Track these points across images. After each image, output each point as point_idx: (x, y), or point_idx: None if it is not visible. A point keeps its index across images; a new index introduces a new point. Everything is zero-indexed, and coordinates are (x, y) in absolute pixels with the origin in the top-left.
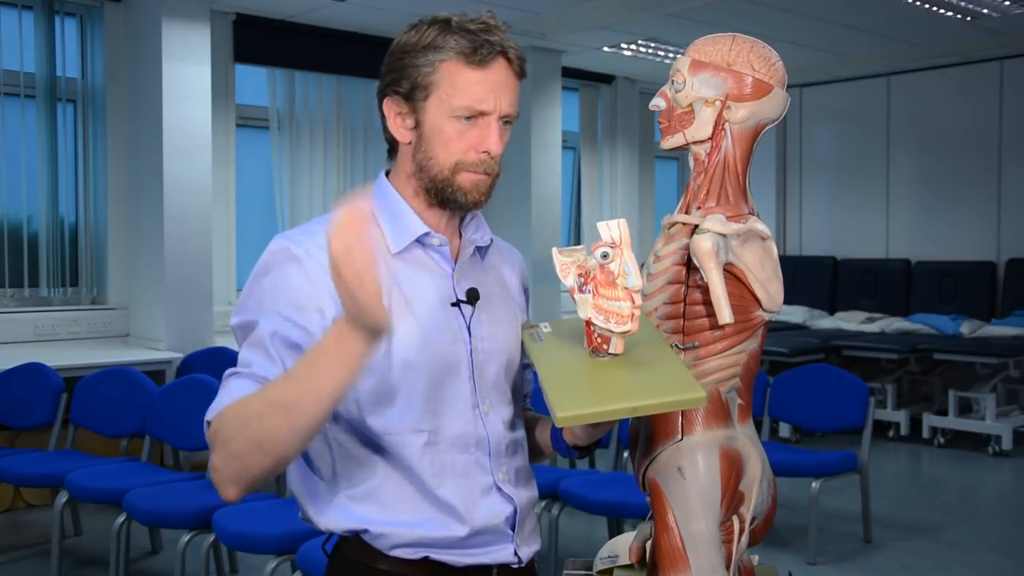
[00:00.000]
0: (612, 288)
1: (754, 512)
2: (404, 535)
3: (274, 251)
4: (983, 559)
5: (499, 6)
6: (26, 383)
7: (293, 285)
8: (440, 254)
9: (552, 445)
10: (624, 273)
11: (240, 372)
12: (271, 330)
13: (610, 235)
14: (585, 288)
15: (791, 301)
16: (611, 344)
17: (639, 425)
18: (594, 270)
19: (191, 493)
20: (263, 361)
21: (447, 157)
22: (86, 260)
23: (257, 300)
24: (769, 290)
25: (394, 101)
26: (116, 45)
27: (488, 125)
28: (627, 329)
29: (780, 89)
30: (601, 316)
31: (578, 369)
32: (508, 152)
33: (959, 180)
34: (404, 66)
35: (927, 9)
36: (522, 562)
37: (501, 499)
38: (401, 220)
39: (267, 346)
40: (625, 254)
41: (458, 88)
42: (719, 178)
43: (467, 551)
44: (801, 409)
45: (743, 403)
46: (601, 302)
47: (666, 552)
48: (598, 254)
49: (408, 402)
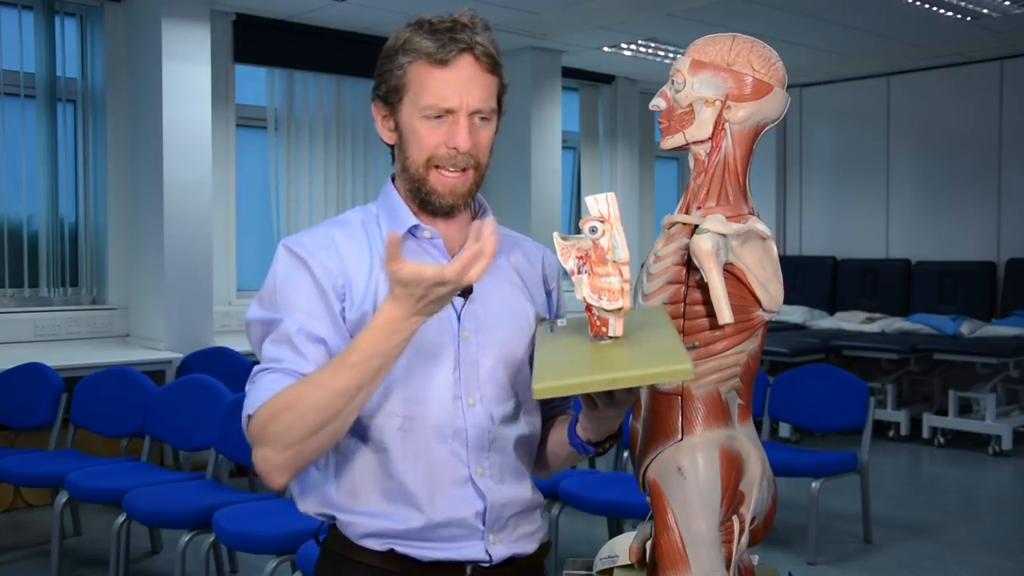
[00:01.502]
0: (604, 265)
1: (754, 512)
2: (368, 524)
3: (280, 253)
4: (983, 559)
5: (499, 6)
6: (26, 383)
7: (300, 283)
8: (435, 247)
9: (568, 442)
10: (612, 247)
11: (271, 368)
12: (296, 327)
13: (599, 209)
14: (582, 269)
15: (791, 301)
16: (609, 326)
17: (639, 425)
18: (589, 250)
19: (191, 493)
20: (293, 356)
21: (420, 155)
22: (86, 260)
23: (273, 299)
24: (769, 290)
25: (378, 105)
26: (116, 45)
27: (456, 122)
28: (619, 306)
29: (780, 89)
30: (595, 295)
31: (572, 350)
32: (508, 152)
33: (959, 180)
34: (383, 70)
35: (927, 9)
36: (492, 560)
37: (473, 493)
38: (396, 214)
39: (295, 343)
40: (614, 228)
41: (424, 88)
42: (719, 178)
43: (430, 543)
44: (801, 409)
45: (743, 403)
46: (595, 280)
47: (666, 552)
48: (587, 228)
49: (383, 385)
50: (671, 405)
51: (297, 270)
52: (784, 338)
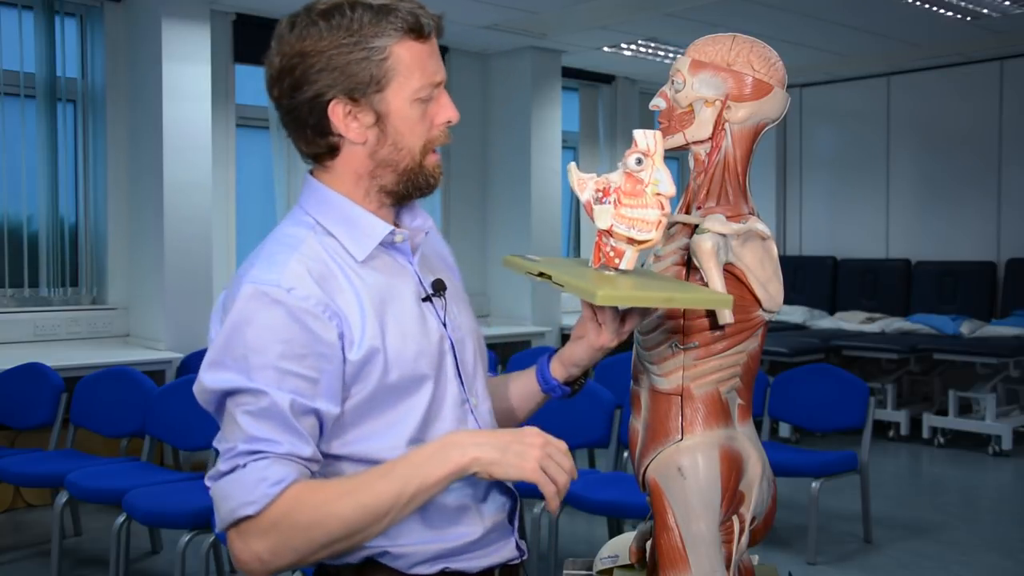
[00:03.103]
0: (638, 197)
1: (754, 512)
2: (424, 551)
3: (248, 297)
4: (983, 559)
5: (499, 6)
6: (26, 383)
7: (282, 333)
8: (400, 251)
9: (542, 389)
10: (656, 181)
11: (265, 454)
12: (288, 400)
13: (646, 143)
14: (605, 200)
15: (791, 301)
16: (624, 258)
17: (639, 425)
18: (616, 183)
19: (191, 493)
20: (291, 438)
21: (415, 142)
22: (86, 260)
23: (240, 355)
24: (769, 290)
25: (341, 103)
26: (116, 45)
27: (441, 95)
28: (650, 237)
29: (780, 89)
30: (623, 224)
31: (595, 274)
32: (508, 152)
33: (959, 180)
34: (344, 63)
35: (927, 9)
36: (524, 554)
37: (501, 493)
38: (358, 226)
39: (290, 420)
40: (657, 163)
41: (415, 68)
42: (719, 178)
43: (481, 552)
44: (801, 409)
45: (743, 403)
46: (624, 211)
47: (666, 552)
48: (632, 159)
49: (404, 419)
50: (671, 405)
51: (274, 318)
52: (784, 338)
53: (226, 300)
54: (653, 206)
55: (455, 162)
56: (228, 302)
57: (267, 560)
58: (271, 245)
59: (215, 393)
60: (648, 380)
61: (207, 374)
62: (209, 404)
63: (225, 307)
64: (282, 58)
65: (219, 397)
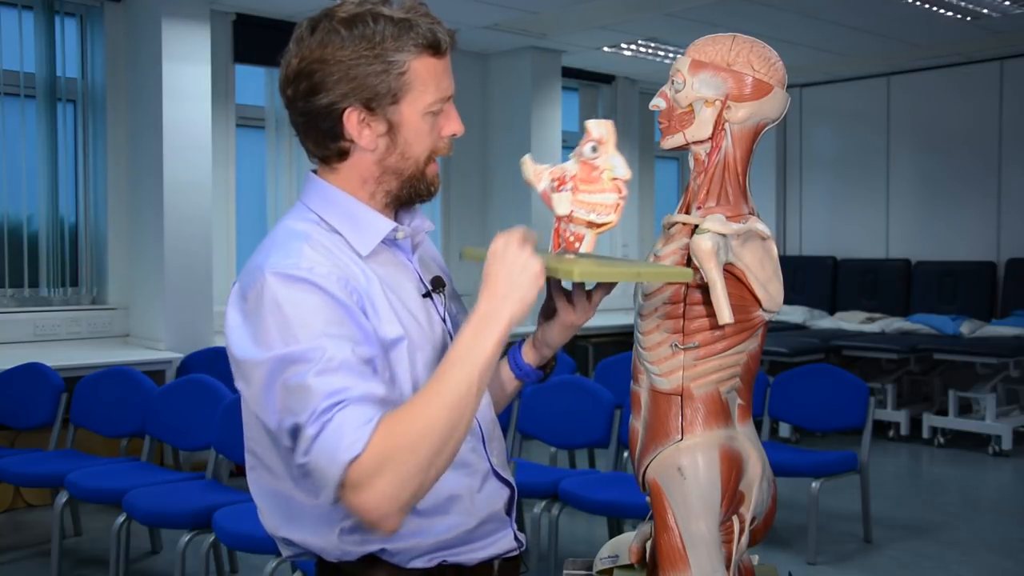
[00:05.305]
0: (595, 183)
1: (754, 512)
2: (419, 545)
3: (275, 282)
4: (983, 559)
5: (499, 6)
6: (26, 383)
7: (318, 305)
8: (401, 248)
9: (515, 376)
10: (611, 166)
11: (346, 401)
12: (348, 350)
13: (599, 132)
14: (562, 188)
15: (791, 301)
16: (583, 242)
17: (639, 425)
18: (571, 171)
19: (191, 493)
20: (362, 382)
21: (422, 152)
22: (86, 260)
23: (289, 334)
24: (769, 290)
25: (356, 111)
26: (116, 45)
27: (450, 108)
28: (610, 220)
29: (780, 89)
30: (583, 209)
31: (557, 258)
32: (508, 152)
33: (959, 180)
34: (364, 74)
35: (927, 9)
36: (523, 545)
37: (499, 484)
38: (362, 222)
39: (356, 367)
40: (611, 149)
41: (430, 83)
42: (719, 178)
43: (477, 544)
44: (801, 409)
45: (743, 403)
46: (583, 196)
47: (666, 552)
48: (587, 147)
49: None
50: (671, 405)
51: (306, 293)
52: (784, 338)
53: (244, 289)
54: (611, 190)
55: (455, 162)
56: (247, 290)
57: (394, 494)
58: (280, 236)
59: (251, 364)
60: (648, 380)
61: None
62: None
63: (244, 296)
64: (300, 61)
65: (276, 372)
